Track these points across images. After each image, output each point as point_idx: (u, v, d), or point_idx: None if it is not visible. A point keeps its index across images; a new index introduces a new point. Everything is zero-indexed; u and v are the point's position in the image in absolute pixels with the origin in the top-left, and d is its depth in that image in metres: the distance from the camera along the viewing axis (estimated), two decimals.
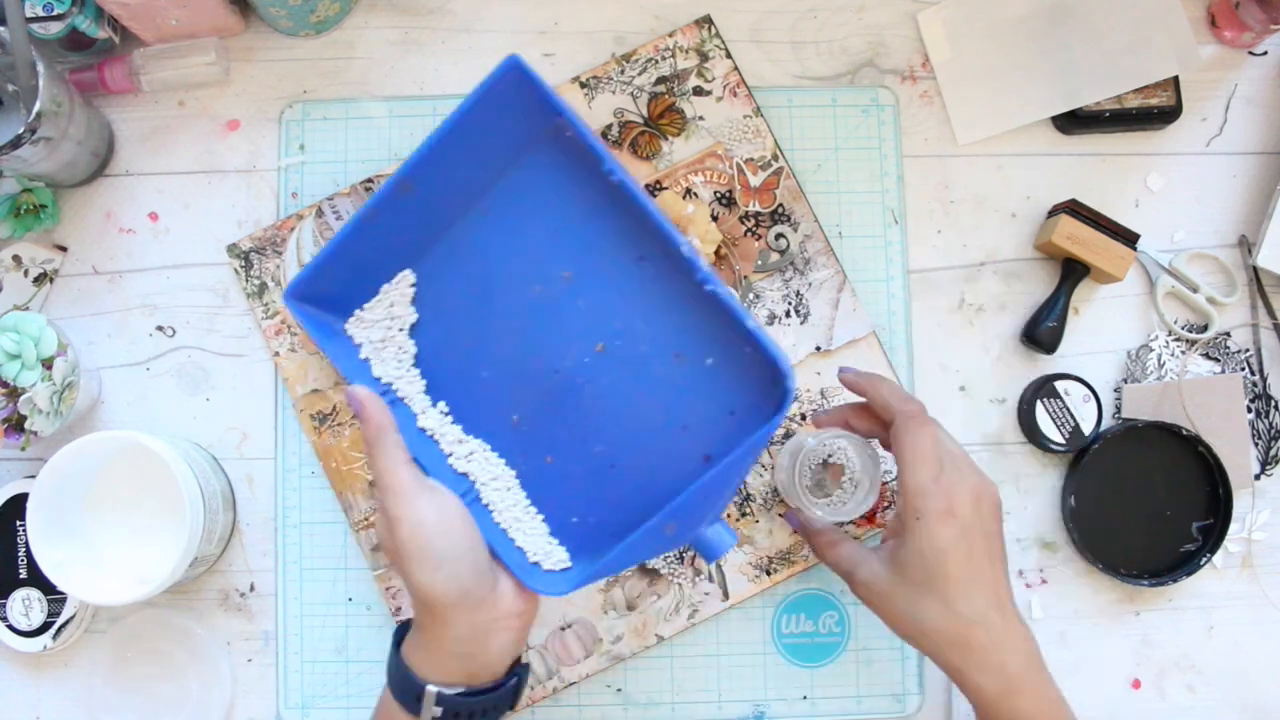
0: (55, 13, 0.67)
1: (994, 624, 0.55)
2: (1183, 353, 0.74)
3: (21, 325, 0.64)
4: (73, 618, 0.68)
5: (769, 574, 0.69)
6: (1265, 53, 0.76)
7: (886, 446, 0.62)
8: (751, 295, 0.70)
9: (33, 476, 0.69)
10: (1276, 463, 0.73)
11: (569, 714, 0.70)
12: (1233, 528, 0.72)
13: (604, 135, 0.69)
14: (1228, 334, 0.74)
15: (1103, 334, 0.74)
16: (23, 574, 0.68)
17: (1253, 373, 0.74)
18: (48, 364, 0.64)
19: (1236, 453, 0.72)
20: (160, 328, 0.72)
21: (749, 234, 0.71)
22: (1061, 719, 0.56)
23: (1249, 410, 0.74)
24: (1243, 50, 0.76)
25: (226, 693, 0.68)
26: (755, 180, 0.71)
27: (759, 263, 0.71)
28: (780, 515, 0.70)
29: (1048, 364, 0.73)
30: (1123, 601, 0.72)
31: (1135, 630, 0.72)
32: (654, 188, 0.71)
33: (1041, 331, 0.71)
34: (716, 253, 0.70)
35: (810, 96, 0.74)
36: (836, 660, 0.71)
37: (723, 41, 0.72)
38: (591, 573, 0.53)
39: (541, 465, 0.58)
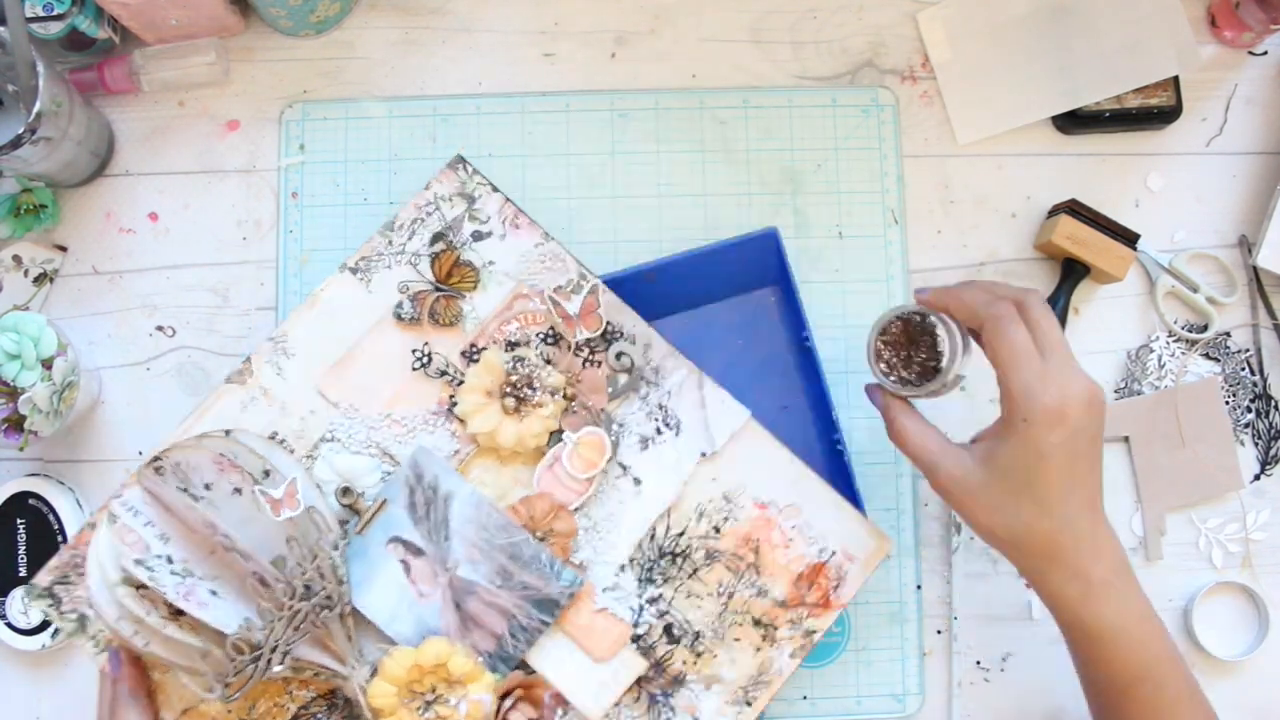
0: (55, 13, 0.67)
1: (1084, 531, 0.53)
2: (1183, 353, 0.74)
3: (21, 325, 0.64)
4: None
5: (749, 704, 0.62)
6: (1265, 53, 0.76)
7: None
8: (616, 426, 0.63)
9: (34, 475, 0.69)
10: (1276, 462, 0.73)
11: None
12: (1232, 527, 0.73)
13: (397, 316, 0.63)
14: (1228, 334, 0.74)
15: (1103, 334, 0.74)
16: (22, 572, 0.68)
17: (1253, 373, 0.74)
18: (48, 364, 0.64)
19: (1223, 456, 0.72)
20: (160, 328, 0.72)
21: (588, 364, 0.64)
22: (1145, 632, 0.54)
23: (1249, 410, 0.74)
24: (1243, 50, 0.76)
25: None
26: (573, 307, 0.64)
27: (610, 390, 0.63)
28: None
29: None
30: None
31: None
32: (471, 353, 0.63)
33: None
34: (565, 395, 0.63)
35: (810, 96, 0.74)
36: (836, 660, 0.71)
37: (484, 176, 0.66)
38: None
39: None
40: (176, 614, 0.56)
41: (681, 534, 0.62)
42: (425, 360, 0.63)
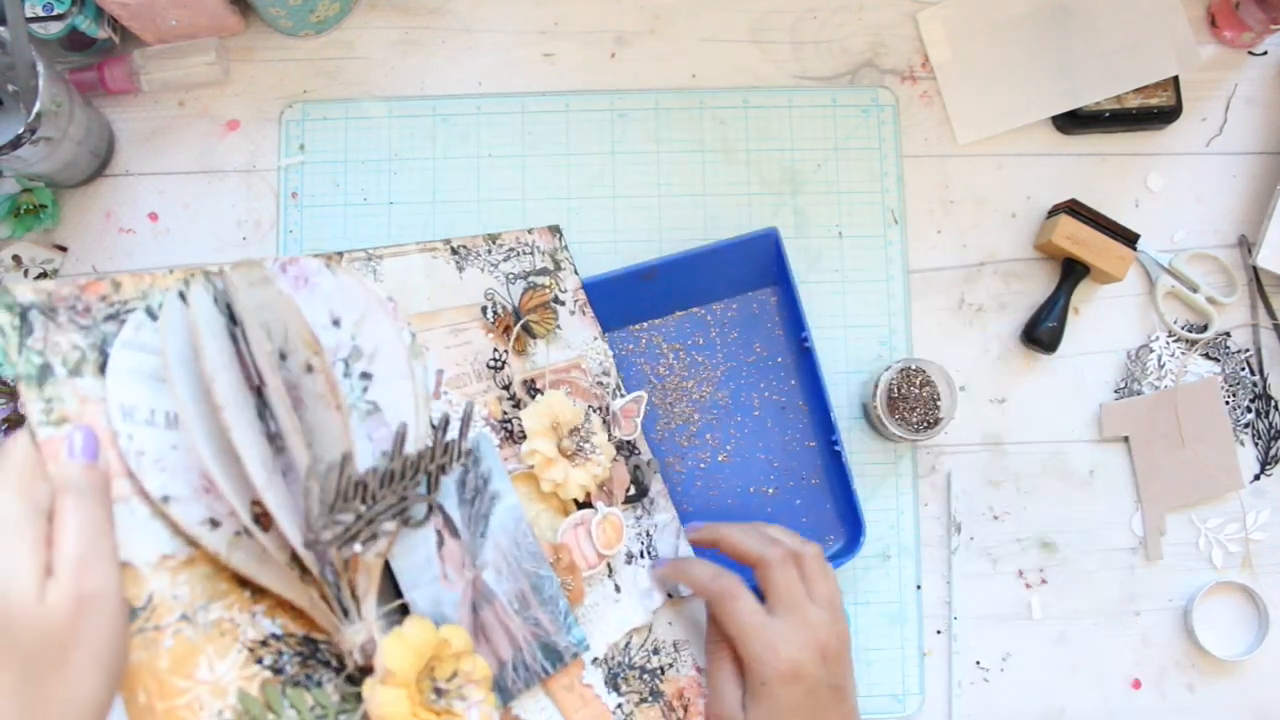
0: (55, 13, 0.67)
1: None
2: (1183, 353, 0.74)
3: None
4: None
5: None
6: (1265, 53, 0.76)
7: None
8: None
9: None
10: (1276, 462, 0.73)
11: None
12: (1232, 527, 0.73)
13: (483, 312, 0.61)
14: (1228, 334, 0.74)
15: (1103, 334, 0.74)
16: None
17: (1253, 373, 0.74)
18: None
19: (1223, 456, 0.72)
20: None
21: (618, 459, 0.65)
22: None
23: (1249, 410, 0.74)
24: (1243, 50, 0.76)
25: None
26: (615, 404, 0.65)
27: (626, 494, 0.65)
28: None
29: (1047, 364, 0.73)
30: (1123, 601, 0.72)
31: (1135, 630, 0.72)
32: (530, 386, 0.62)
33: (1041, 331, 0.71)
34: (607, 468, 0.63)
35: (810, 96, 0.74)
36: None
37: (570, 255, 0.67)
38: None
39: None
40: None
41: (654, 652, 0.62)
42: (500, 364, 0.61)
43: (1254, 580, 0.72)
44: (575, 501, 0.62)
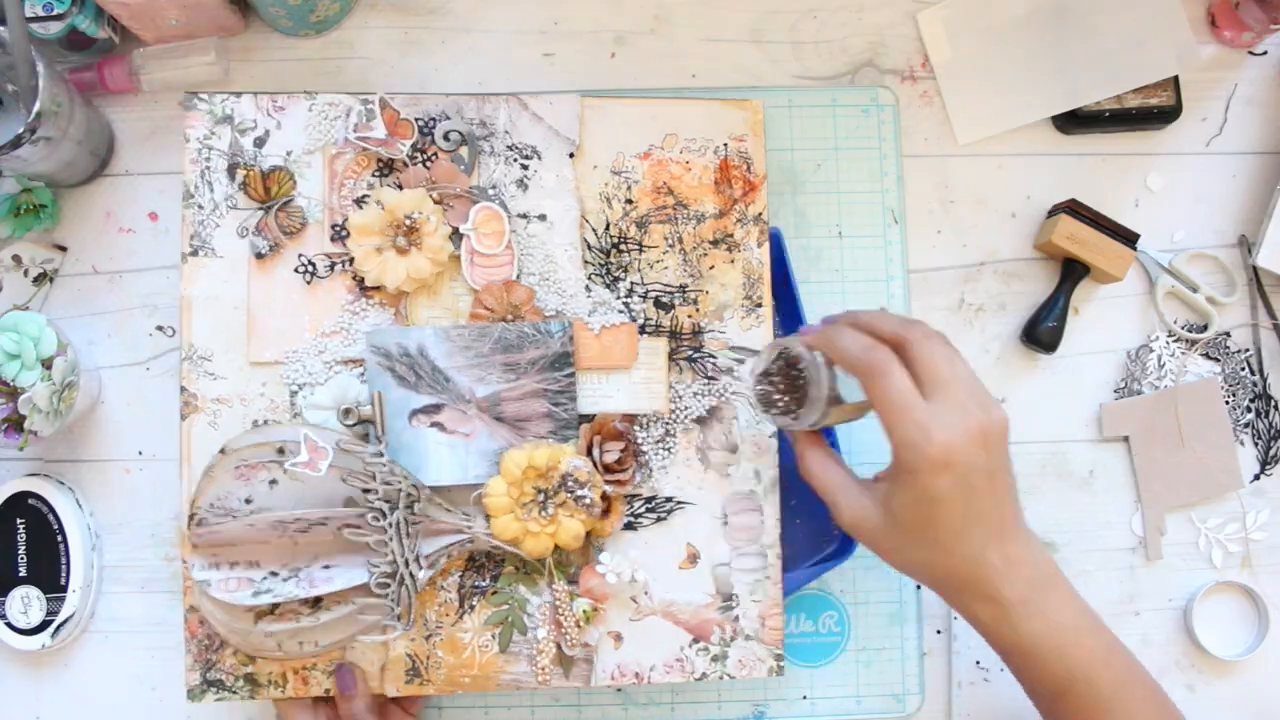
0: (55, 13, 0.67)
1: (990, 560, 0.53)
2: (1183, 353, 0.74)
3: (21, 325, 0.64)
4: (71, 616, 0.68)
5: (759, 305, 0.66)
6: (1265, 53, 0.76)
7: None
8: (490, 190, 0.66)
9: (34, 475, 0.69)
10: (1276, 462, 0.73)
11: (569, 714, 0.70)
12: (1232, 527, 0.73)
13: (258, 256, 0.64)
14: (1228, 334, 0.74)
15: (1103, 334, 0.74)
16: (22, 572, 0.68)
17: (1253, 373, 0.74)
18: (47, 364, 0.64)
19: (1223, 456, 0.72)
20: (160, 328, 0.72)
21: (429, 162, 0.66)
22: (1071, 639, 0.54)
23: (1249, 410, 0.74)
24: (1243, 50, 0.76)
25: None
26: (379, 132, 0.64)
27: (463, 167, 0.66)
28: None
29: (1047, 364, 0.73)
30: (1123, 601, 0.72)
31: (1135, 630, 0.72)
32: (338, 233, 0.64)
33: (1041, 331, 0.71)
34: (435, 200, 0.64)
35: (810, 96, 0.74)
36: (836, 660, 0.71)
37: (222, 94, 0.65)
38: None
39: None
40: (314, 604, 0.60)
41: (607, 227, 0.66)
42: (310, 269, 0.64)
43: (1254, 580, 0.72)
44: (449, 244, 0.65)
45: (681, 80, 0.74)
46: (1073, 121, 0.74)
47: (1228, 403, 0.73)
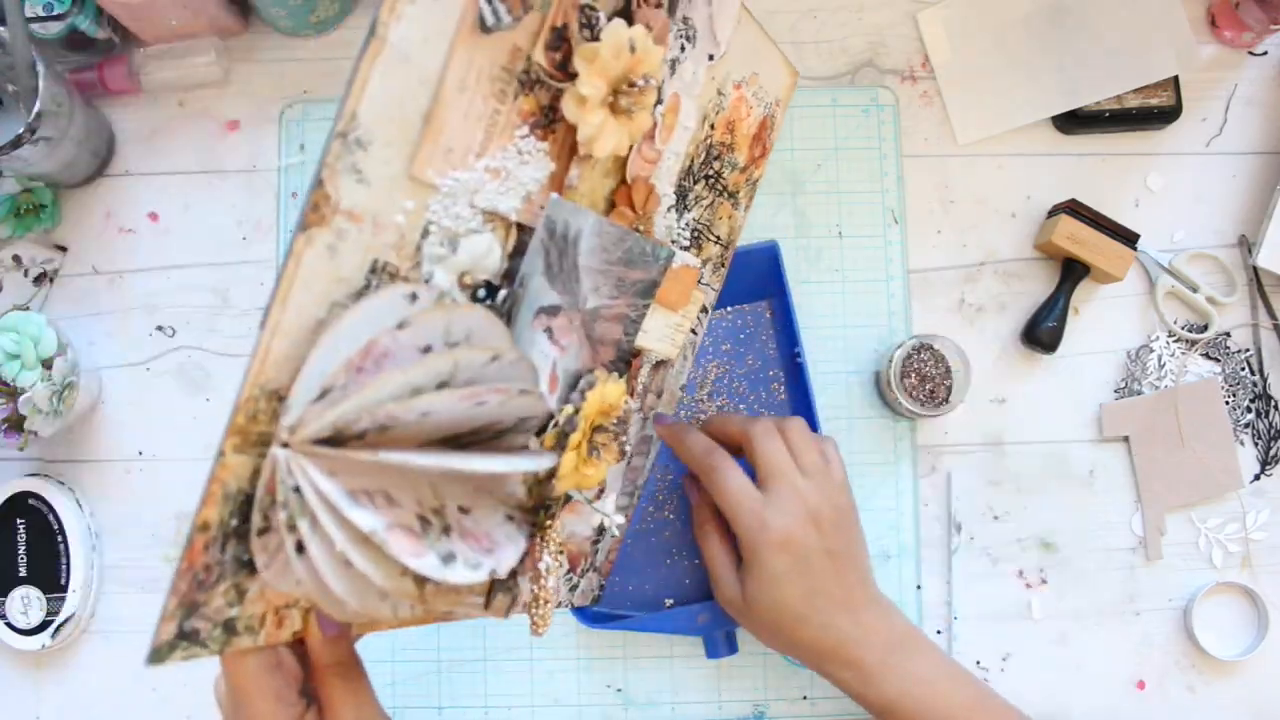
0: (55, 13, 0.67)
1: (843, 629, 0.57)
2: (1183, 353, 0.74)
3: (21, 325, 0.64)
4: (72, 616, 0.68)
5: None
6: (1265, 53, 0.76)
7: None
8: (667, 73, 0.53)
9: (34, 475, 0.69)
10: (1276, 462, 0.73)
11: (569, 714, 0.70)
12: (1232, 527, 0.73)
13: (483, 27, 0.42)
14: (1228, 334, 0.74)
15: (1103, 334, 0.74)
16: (22, 572, 0.68)
17: (1253, 373, 0.74)
18: (48, 364, 0.64)
19: (1223, 456, 0.72)
20: (160, 328, 0.72)
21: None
22: (933, 694, 0.57)
23: (1249, 410, 0.74)
24: (1243, 50, 0.76)
25: None
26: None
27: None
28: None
29: (1047, 364, 0.73)
30: (1123, 601, 0.72)
31: (1135, 630, 0.72)
32: (554, 41, 0.46)
33: (1041, 331, 0.71)
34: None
35: (810, 96, 0.74)
36: None
37: None
38: (626, 623, 0.67)
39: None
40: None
41: (706, 157, 0.58)
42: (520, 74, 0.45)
43: (1254, 580, 0.72)
44: None
45: None
46: (1073, 121, 0.74)
47: (1228, 403, 0.73)
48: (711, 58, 0.55)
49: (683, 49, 0.53)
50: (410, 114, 0.42)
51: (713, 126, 0.58)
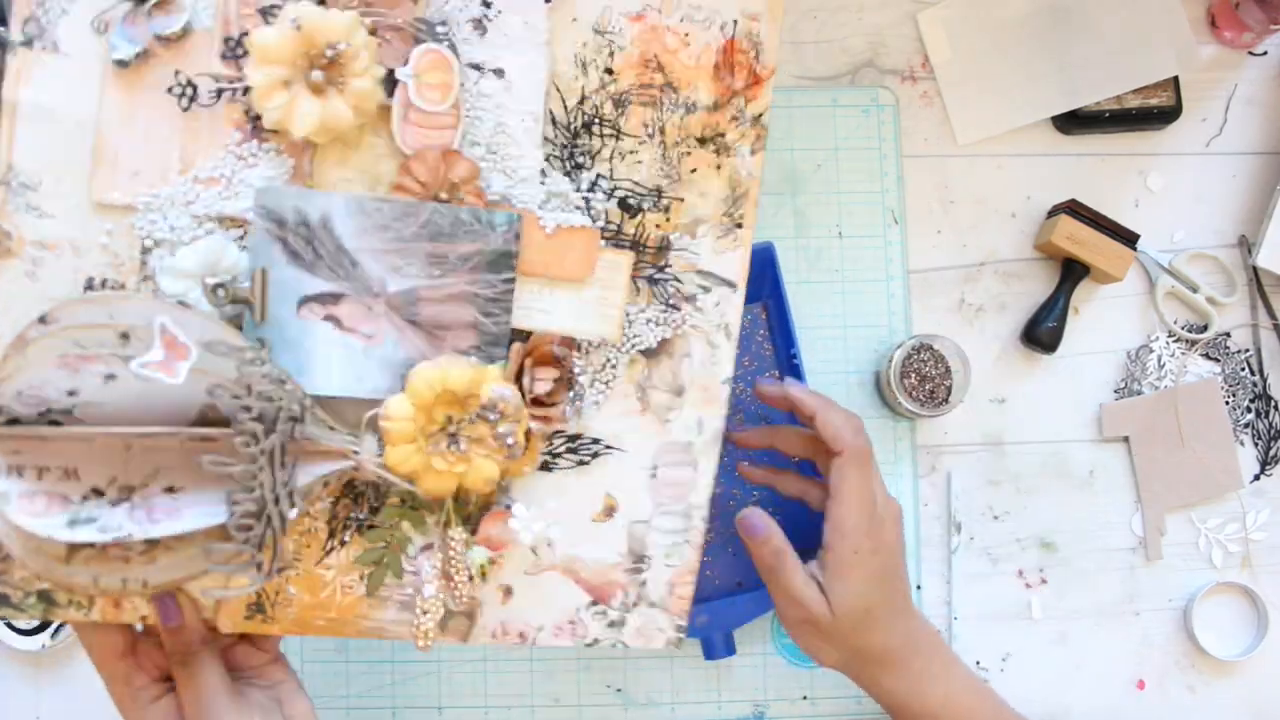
0: None
1: (904, 631, 0.58)
2: (1183, 353, 0.74)
3: None
4: None
5: (739, 226, 0.56)
6: (1265, 53, 0.76)
7: (817, 470, 0.63)
8: (440, 28, 0.51)
9: None
10: (1276, 463, 0.73)
11: (569, 714, 0.70)
12: (1232, 527, 0.73)
13: (119, 64, 0.48)
14: (1228, 334, 0.74)
15: (1103, 334, 0.74)
16: None
17: (1253, 373, 0.74)
18: None
19: (1223, 456, 0.72)
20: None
21: None
22: (970, 699, 0.60)
23: (1249, 410, 0.74)
24: (1243, 50, 0.76)
25: None
26: None
27: None
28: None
29: (1047, 364, 0.73)
30: (1123, 601, 0.72)
31: (1135, 630, 0.72)
32: (231, 50, 0.49)
33: (1041, 331, 0.71)
34: (371, 31, 0.49)
35: (810, 96, 0.74)
36: None
37: None
38: None
39: None
40: (151, 543, 0.46)
41: (580, 101, 0.53)
42: (189, 90, 0.49)
43: (1254, 580, 0.72)
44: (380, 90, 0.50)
45: None
46: (1073, 121, 0.74)
47: (1228, 403, 0.73)
48: (548, 2, 0.52)
49: (487, 4, 0.51)
50: (75, 153, 0.48)
51: (609, 71, 0.53)
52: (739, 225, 0.56)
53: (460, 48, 0.51)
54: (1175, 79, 0.73)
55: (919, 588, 0.71)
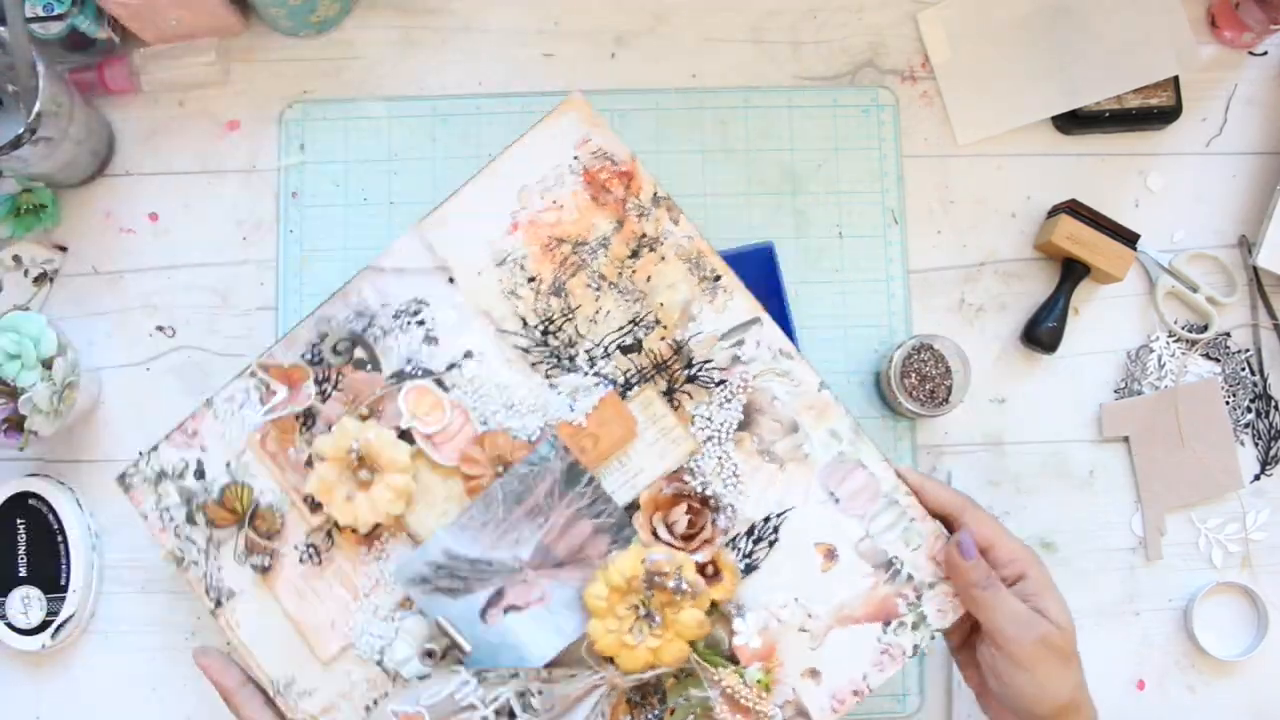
0: (55, 13, 0.67)
1: (1080, 690, 0.56)
2: (1183, 353, 0.74)
3: (21, 325, 0.64)
4: (72, 616, 0.68)
5: None
6: (1265, 53, 0.76)
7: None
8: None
9: (34, 475, 0.69)
10: (1276, 463, 0.73)
11: None
12: (1232, 527, 0.73)
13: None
14: (1228, 334, 0.74)
15: (1103, 334, 0.74)
16: (22, 572, 0.68)
17: (1253, 373, 0.74)
18: (48, 364, 0.64)
19: (1223, 456, 0.72)
20: (160, 328, 0.72)
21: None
22: None
23: (1249, 410, 0.74)
24: (1243, 50, 0.76)
25: None
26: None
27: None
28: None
29: (1047, 364, 0.73)
30: (1123, 601, 0.72)
31: (1135, 630, 0.72)
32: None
33: (1041, 331, 0.71)
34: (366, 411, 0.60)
35: (810, 96, 0.74)
36: None
37: None
38: None
39: None
40: None
41: (526, 322, 0.60)
42: (314, 552, 0.60)
43: (1254, 580, 0.72)
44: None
45: (682, 80, 0.74)
46: (1073, 121, 0.74)
47: (1228, 403, 0.73)
48: (452, 279, 0.60)
49: (421, 322, 0.60)
50: (291, 641, 0.59)
51: (532, 279, 0.60)
52: (718, 278, 0.60)
53: (430, 362, 0.60)
54: (1175, 79, 0.73)
55: None
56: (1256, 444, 0.73)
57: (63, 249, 0.72)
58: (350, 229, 0.72)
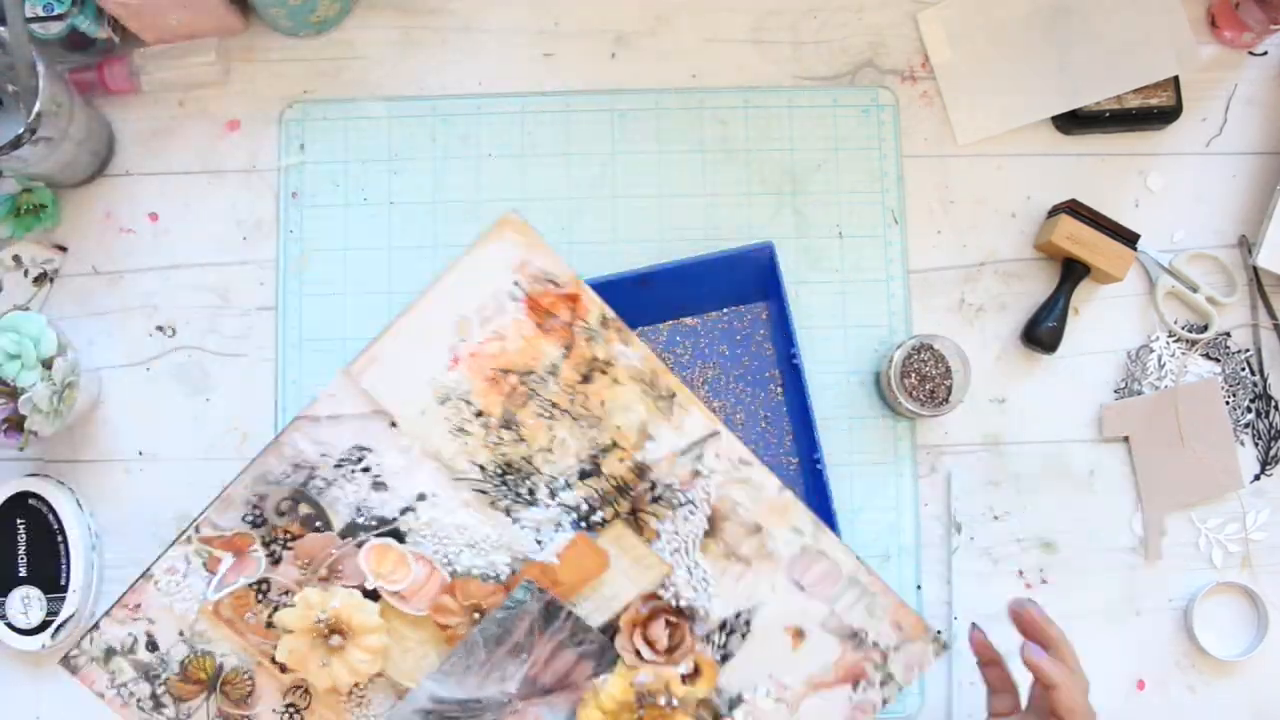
0: (55, 13, 0.67)
1: None
2: (1183, 353, 0.74)
3: (21, 325, 0.64)
4: (72, 616, 0.68)
5: None
6: (1265, 53, 0.76)
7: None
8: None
9: (34, 475, 0.69)
10: (1276, 463, 0.73)
11: None
12: (1232, 527, 0.73)
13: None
14: (1228, 334, 0.74)
15: (1103, 334, 0.74)
16: (22, 572, 0.68)
17: (1253, 373, 0.74)
18: (48, 364, 0.64)
19: (1223, 456, 0.72)
20: (160, 328, 0.72)
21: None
22: None
23: (1249, 410, 0.74)
24: (1243, 50, 0.76)
25: None
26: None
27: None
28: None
29: (1047, 364, 0.73)
30: (1123, 601, 0.72)
31: (1135, 630, 0.72)
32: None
33: (1041, 331, 0.71)
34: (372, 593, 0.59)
35: (810, 96, 0.74)
36: None
37: None
38: None
39: None
40: None
41: (481, 463, 0.58)
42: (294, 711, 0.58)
43: (1254, 580, 0.72)
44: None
45: (682, 80, 0.74)
46: (1073, 121, 0.74)
47: (1228, 403, 0.73)
48: (394, 423, 0.58)
49: (368, 469, 0.58)
50: None
51: (480, 413, 0.58)
52: (671, 396, 0.59)
53: (382, 511, 0.58)
54: (1175, 79, 0.73)
55: (919, 588, 0.71)
56: (1256, 444, 0.73)
57: (63, 249, 0.72)
58: (350, 229, 0.72)
